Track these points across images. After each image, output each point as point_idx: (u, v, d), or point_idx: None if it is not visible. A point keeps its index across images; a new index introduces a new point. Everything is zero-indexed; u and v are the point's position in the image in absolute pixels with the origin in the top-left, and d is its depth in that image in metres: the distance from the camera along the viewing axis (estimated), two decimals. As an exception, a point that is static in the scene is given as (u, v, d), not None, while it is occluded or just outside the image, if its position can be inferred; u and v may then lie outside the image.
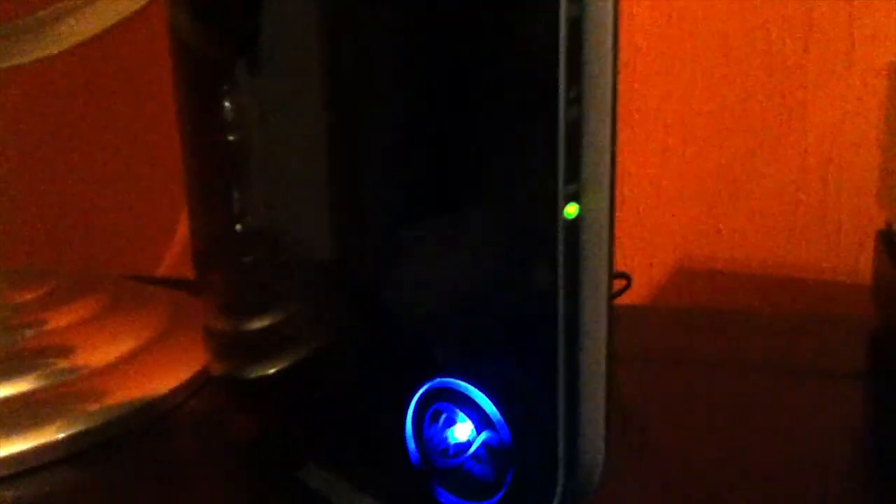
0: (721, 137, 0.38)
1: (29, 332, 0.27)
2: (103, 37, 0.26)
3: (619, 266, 0.39)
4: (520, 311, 0.14)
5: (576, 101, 0.13)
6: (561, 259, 0.13)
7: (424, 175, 0.16)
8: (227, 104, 0.21)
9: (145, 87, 0.43)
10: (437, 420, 0.16)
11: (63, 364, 0.26)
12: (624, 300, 0.33)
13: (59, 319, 0.28)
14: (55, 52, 0.26)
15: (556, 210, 0.13)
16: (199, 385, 0.27)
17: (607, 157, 0.13)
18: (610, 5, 0.12)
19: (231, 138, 0.21)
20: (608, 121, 0.13)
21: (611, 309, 0.14)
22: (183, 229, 0.46)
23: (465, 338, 0.15)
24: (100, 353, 0.27)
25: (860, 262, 0.36)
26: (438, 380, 0.16)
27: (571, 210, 0.13)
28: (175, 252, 0.47)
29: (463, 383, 0.15)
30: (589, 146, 0.13)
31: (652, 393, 0.26)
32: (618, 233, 0.40)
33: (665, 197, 0.39)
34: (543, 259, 0.14)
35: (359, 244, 0.18)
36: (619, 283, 0.31)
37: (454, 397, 0.15)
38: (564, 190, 0.13)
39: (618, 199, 0.40)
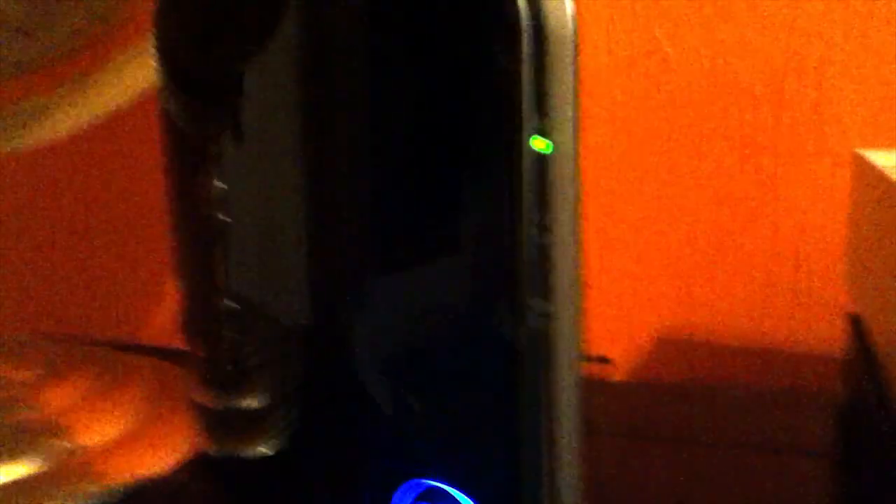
0: (694, 211, 0.39)
1: (25, 415, 0.28)
2: (97, 123, 0.27)
3: (601, 338, 0.40)
4: (487, 404, 0.15)
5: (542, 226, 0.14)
6: (530, 364, 0.14)
7: (400, 254, 0.16)
8: (214, 183, 0.22)
9: (134, 166, 0.45)
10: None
11: (61, 445, 0.27)
12: (607, 376, 0.34)
13: (54, 399, 0.28)
14: (53, 137, 0.27)
15: (522, 317, 0.14)
16: (193, 462, 0.27)
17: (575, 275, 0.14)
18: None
19: (217, 214, 0.22)
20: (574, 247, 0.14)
21: (580, 391, 0.15)
22: (167, 298, 0.47)
23: (440, 436, 0.16)
24: (96, 432, 0.27)
25: (833, 336, 0.37)
26: (416, 480, 0.16)
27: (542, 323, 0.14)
28: (159, 320, 0.47)
29: (440, 484, 0.16)
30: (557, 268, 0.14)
31: (628, 468, 0.27)
32: (597, 306, 0.41)
33: (642, 270, 0.40)
34: (506, 360, 0.15)
35: (337, 325, 0.19)
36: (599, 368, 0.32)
37: (434, 495, 0.16)
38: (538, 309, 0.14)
39: (596, 270, 0.41)
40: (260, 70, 0.19)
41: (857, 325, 0.29)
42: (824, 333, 0.37)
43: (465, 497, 0.16)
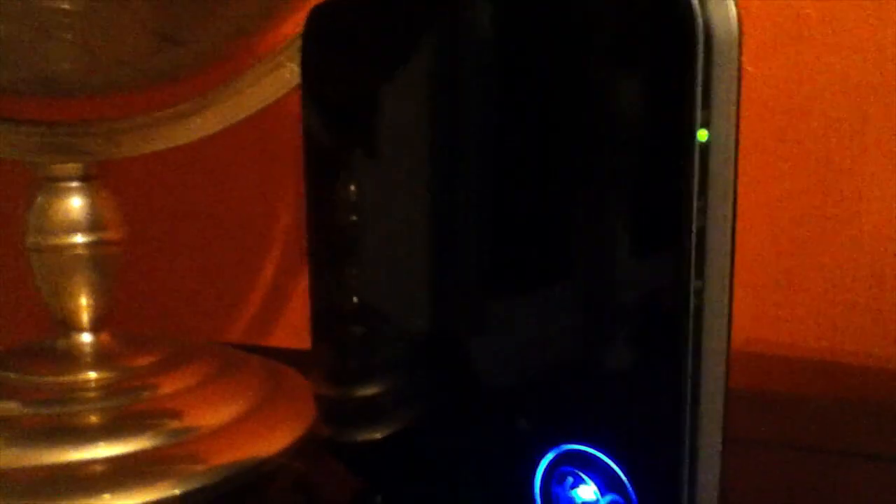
0: (777, 228, 0.40)
1: (144, 395, 0.29)
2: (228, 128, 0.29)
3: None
4: (647, 382, 0.16)
5: (702, 210, 0.15)
6: (689, 332, 0.15)
7: (544, 242, 0.18)
8: (350, 190, 0.23)
9: (250, 172, 0.47)
10: (562, 482, 0.18)
11: (175, 425, 0.28)
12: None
13: (172, 384, 0.30)
14: (188, 140, 0.29)
15: (683, 295, 0.15)
16: (301, 447, 0.29)
17: (728, 254, 0.16)
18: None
19: (352, 220, 0.24)
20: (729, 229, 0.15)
21: (727, 379, 0.16)
22: (254, 300, 0.49)
23: (591, 405, 0.17)
24: (209, 416, 0.29)
25: (915, 352, 0.38)
26: (564, 446, 0.18)
27: (696, 300, 0.15)
28: (244, 321, 0.49)
29: (590, 449, 0.17)
30: (711, 247, 0.15)
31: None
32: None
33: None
34: (668, 331, 0.16)
35: (473, 313, 0.20)
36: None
37: (581, 461, 0.17)
38: (694, 284, 0.15)
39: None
40: (401, 85, 0.21)
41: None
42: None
43: (611, 460, 0.17)
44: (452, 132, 0.20)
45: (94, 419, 0.28)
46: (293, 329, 0.47)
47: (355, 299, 0.24)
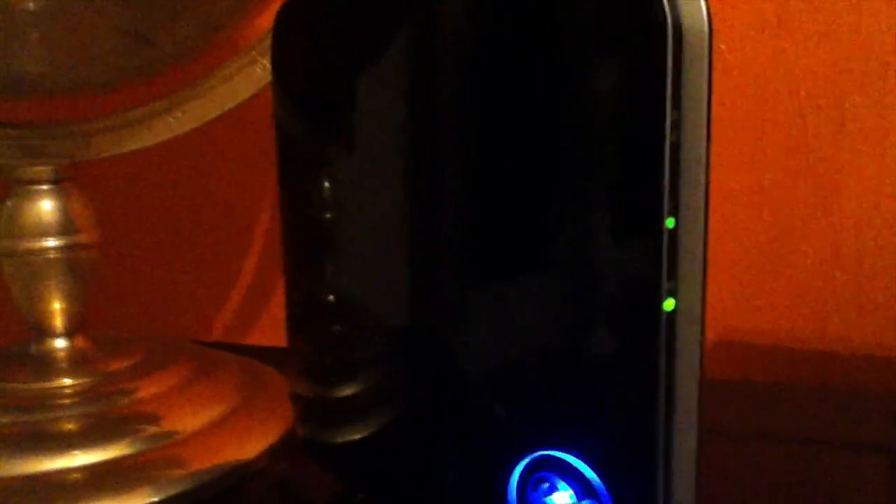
0: (757, 216, 0.40)
1: (122, 401, 0.29)
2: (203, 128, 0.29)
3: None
4: (621, 385, 0.16)
5: (674, 209, 0.15)
6: (662, 346, 0.15)
7: (516, 239, 0.17)
8: (323, 184, 0.23)
9: (234, 170, 0.47)
10: (538, 488, 0.18)
11: (153, 430, 0.28)
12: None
13: (149, 388, 0.30)
14: (160, 140, 0.28)
15: (656, 305, 0.15)
16: (281, 449, 0.28)
17: (700, 256, 0.16)
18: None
19: (326, 215, 0.23)
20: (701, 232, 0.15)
21: (702, 382, 0.16)
22: (233, 298, 0.49)
23: (565, 410, 0.17)
24: (187, 420, 0.29)
25: (894, 342, 0.38)
26: (539, 451, 0.17)
27: (669, 304, 0.15)
28: (226, 320, 0.49)
29: (565, 455, 0.17)
30: (684, 251, 0.15)
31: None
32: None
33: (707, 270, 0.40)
34: (643, 342, 0.16)
35: (449, 313, 0.20)
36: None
37: (556, 467, 0.17)
38: (666, 286, 0.15)
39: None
40: (372, 79, 0.21)
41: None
42: (886, 338, 0.38)
43: (587, 466, 0.17)
44: (426, 126, 0.20)
45: (70, 426, 0.28)
46: (275, 327, 0.47)
47: (331, 297, 0.24)
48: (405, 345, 0.21)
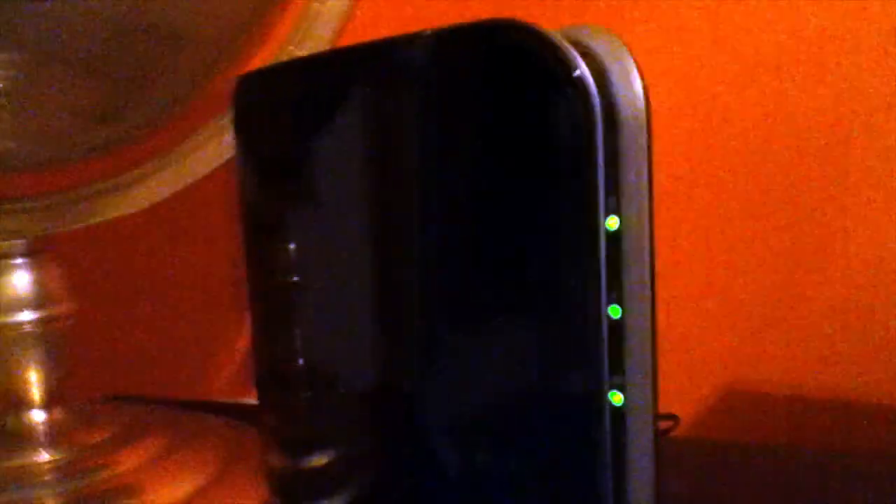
0: (763, 263, 0.38)
1: (101, 475, 0.28)
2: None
3: (666, 388, 0.40)
4: (565, 476, 0.15)
5: (616, 299, 0.14)
6: (606, 441, 0.14)
7: (468, 315, 0.17)
8: (289, 249, 0.23)
9: (203, 233, 0.47)
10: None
11: (131, 505, 0.27)
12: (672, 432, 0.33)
13: (128, 460, 0.29)
14: (134, 210, 0.28)
15: (601, 401, 0.14)
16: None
17: (649, 343, 0.15)
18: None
19: (293, 280, 0.23)
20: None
21: (658, 469, 0.15)
22: (238, 354, 0.48)
23: (517, 479, 0.16)
24: (166, 493, 0.28)
25: (910, 390, 0.36)
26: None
27: (617, 398, 0.14)
28: (229, 375, 0.49)
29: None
30: (630, 341, 0.14)
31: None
32: (665, 363, 0.41)
33: (711, 321, 0.39)
34: (586, 436, 0.15)
35: (411, 381, 0.19)
36: (666, 424, 0.32)
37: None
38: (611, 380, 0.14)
39: (663, 327, 0.41)
40: (335, 147, 0.20)
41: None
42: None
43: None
44: (382, 193, 0.19)
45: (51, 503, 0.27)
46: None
47: (298, 363, 0.23)
48: (369, 413, 0.21)
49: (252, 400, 0.43)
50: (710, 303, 0.39)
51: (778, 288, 0.38)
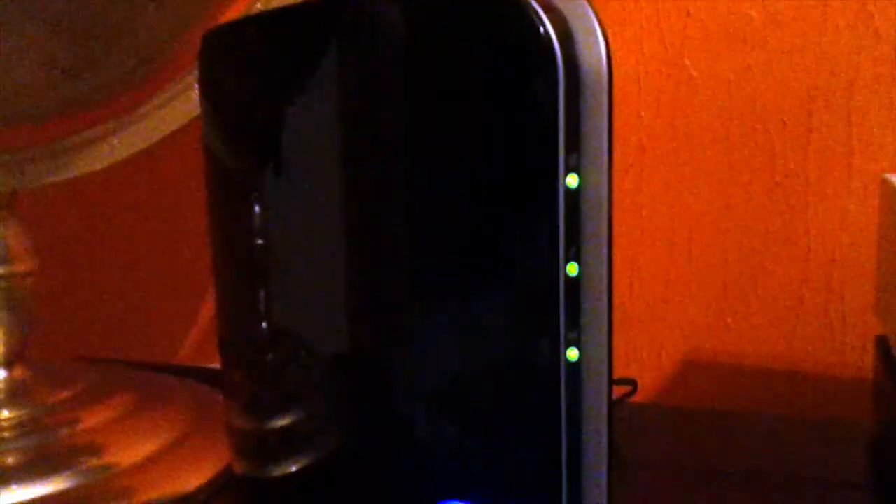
0: (726, 235, 0.39)
1: (62, 432, 0.28)
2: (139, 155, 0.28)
3: (629, 355, 0.40)
4: (528, 437, 0.16)
5: (573, 257, 0.14)
6: (562, 398, 0.15)
7: (431, 276, 0.17)
8: (253, 211, 0.23)
9: (170, 192, 0.46)
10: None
11: (95, 463, 0.27)
12: (631, 398, 0.34)
13: (91, 419, 0.29)
14: (98, 168, 0.28)
15: (558, 356, 0.14)
16: (223, 482, 0.28)
17: (605, 302, 0.15)
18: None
19: (257, 242, 0.23)
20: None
21: (612, 419, 0.15)
22: (203, 319, 0.48)
23: (475, 456, 0.17)
24: (129, 451, 0.28)
25: (865, 361, 0.37)
26: (451, 502, 0.17)
27: (572, 354, 0.15)
28: (195, 340, 0.48)
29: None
30: (588, 299, 0.15)
31: (653, 501, 0.27)
32: (627, 324, 0.41)
33: (673, 291, 0.40)
34: (546, 393, 0.15)
35: (371, 348, 0.19)
36: (624, 389, 0.32)
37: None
38: (568, 336, 0.14)
39: (627, 292, 0.41)
40: (300, 105, 0.20)
41: (884, 345, 0.29)
42: (856, 359, 0.37)
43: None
44: (347, 151, 0.19)
45: (9, 460, 0.27)
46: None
47: (263, 325, 0.23)
48: (330, 377, 0.21)
49: (217, 365, 0.43)
50: (672, 273, 0.40)
51: (740, 260, 0.39)
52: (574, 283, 0.15)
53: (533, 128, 0.14)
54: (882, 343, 0.30)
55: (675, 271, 0.40)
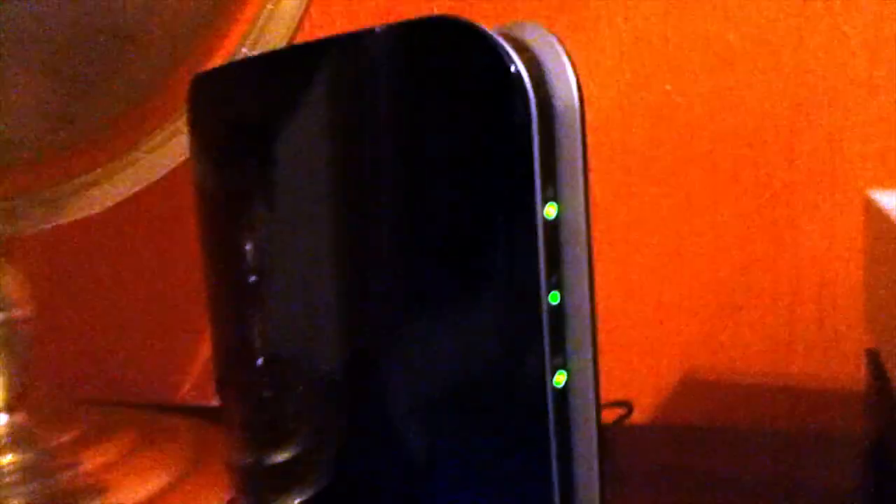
0: (716, 256, 0.39)
1: (65, 475, 0.29)
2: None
3: (625, 377, 0.41)
4: (519, 463, 0.16)
5: (555, 285, 0.15)
6: (550, 420, 0.15)
7: (416, 303, 0.17)
8: (244, 248, 0.23)
9: (165, 233, 0.47)
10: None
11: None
12: (628, 420, 0.34)
13: (93, 460, 0.29)
14: (92, 212, 0.28)
15: (544, 382, 0.15)
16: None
17: (589, 327, 0.15)
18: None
19: (250, 279, 0.23)
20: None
21: (602, 450, 0.16)
22: (201, 358, 0.48)
23: (468, 481, 0.17)
24: (132, 492, 0.28)
25: (858, 374, 0.37)
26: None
27: (560, 379, 0.15)
28: (193, 379, 0.49)
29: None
30: (571, 325, 0.15)
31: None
32: (623, 347, 0.41)
33: (667, 312, 0.40)
34: (530, 418, 0.15)
35: (367, 372, 0.20)
36: (619, 412, 0.33)
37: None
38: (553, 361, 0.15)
39: (621, 315, 0.42)
40: (288, 143, 0.21)
41: (875, 359, 0.29)
42: (849, 372, 0.38)
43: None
44: (330, 186, 0.20)
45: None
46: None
47: (256, 357, 0.24)
48: (328, 405, 0.21)
49: (216, 403, 0.43)
50: (666, 295, 0.40)
51: (731, 278, 0.39)
52: (556, 311, 0.15)
53: (509, 162, 0.15)
54: (872, 356, 0.30)
55: (669, 293, 0.40)
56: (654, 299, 0.40)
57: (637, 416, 0.38)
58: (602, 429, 0.16)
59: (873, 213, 0.29)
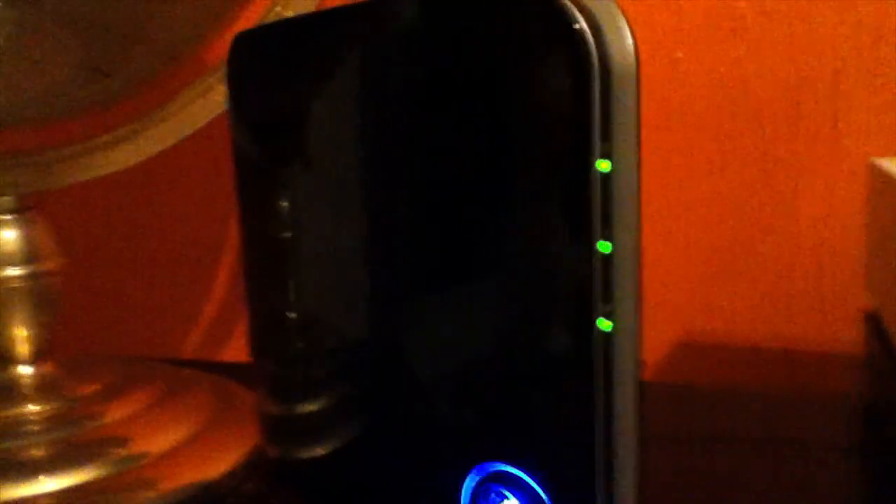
0: (718, 220, 0.40)
1: (89, 424, 0.29)
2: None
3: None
4: (562, 405, 0.17)
5: (607, 238, 0.16)
6: (599, 367, 0.16)
7: (462, 257, 0.18)
8: (280, 204, 0.24)
9: (195, 189, 0.47)
10: (487, 498, 0.18)
11: (122, 453, 0.28)
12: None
13: (117, 411, 0.30)
14: (122, 168, 0.29)
15: (592, 328, 0.16)
16: (250, 467, 0.29)
17: (635, 279, 0.16)
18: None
19: (285, 234, 0.24)
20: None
21: (641, 389, 0.17)
22: (207, 315, 0.49)
23: (514, 426, 0.18)
24: (155, 441, 0.29)
25: (855, 338, 0.39)
26: (488, 465, 0.18)
27: (606, 325, 0.16)
28: (198, 336, 0.49)
29: (511, 469, 0.17)
30: (619, 275, 0.16)
31: (649, 471, 0.28)
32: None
33: (669, 276, 0.41)
34: (578, 360, 0.16)
35: (403, 328, 0.20)
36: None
37: (504, 479, 0.18)
38: (603, 308, 0.16)
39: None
40: (325, 102, 0.21)
41: (875, 322, 0.30)
42: (846, 336, 0.39)
43: (531, 479, 0.17)
44: (375, 149, 0.20)
45: (38, 453, 0.28)
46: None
47: (291, 314, 0.24)
48: (362, 359, 0.22)
49: (228, 359, 0.44)
50: (668, 259, 0.41)
51: (731, 243, 0.40)
52: (607, 260, 0.16)
53: (570, 119, 0.15)
54: (872, 319, 0.31)
55: (671, 257, 0.41)
56: (658, 264, 0.41)
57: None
58: (641, 369, 0.17)
59: (877, 177, 0.30)
